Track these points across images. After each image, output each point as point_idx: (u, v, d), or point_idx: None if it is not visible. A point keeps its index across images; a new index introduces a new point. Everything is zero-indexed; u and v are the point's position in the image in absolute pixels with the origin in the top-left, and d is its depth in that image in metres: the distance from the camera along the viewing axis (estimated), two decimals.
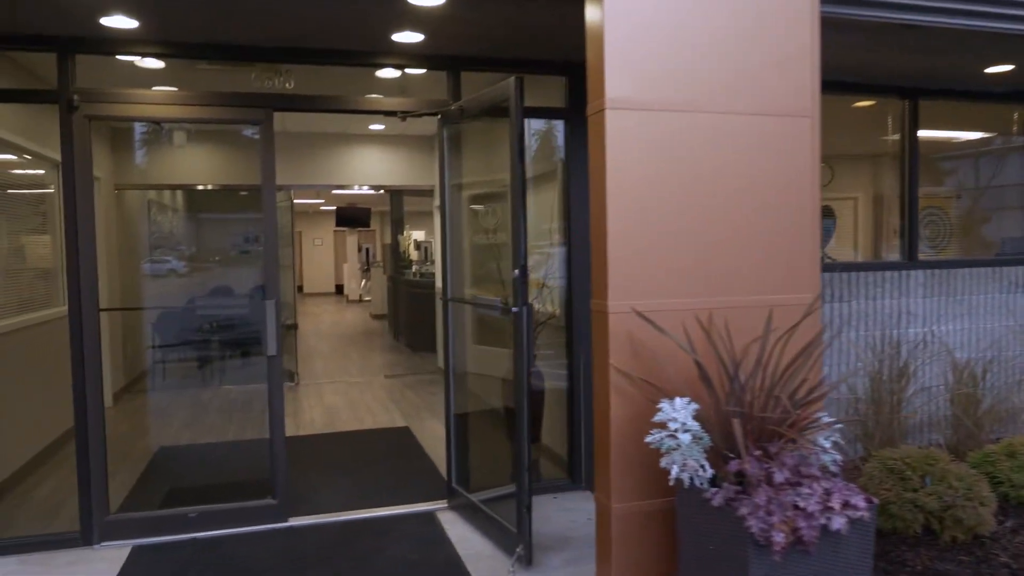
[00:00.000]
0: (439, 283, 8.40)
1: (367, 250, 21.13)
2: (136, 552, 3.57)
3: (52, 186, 5.50)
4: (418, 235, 15.91)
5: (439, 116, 4.07)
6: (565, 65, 4.21)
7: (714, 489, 2.17)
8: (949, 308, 5.02)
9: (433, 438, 5.56)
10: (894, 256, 5.19)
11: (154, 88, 3.88)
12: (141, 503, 4.21)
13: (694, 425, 2.23)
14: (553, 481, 4.41)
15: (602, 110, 2.57)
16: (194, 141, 7.35)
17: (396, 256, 12.29)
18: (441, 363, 8.35)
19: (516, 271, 3.31)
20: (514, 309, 3.34)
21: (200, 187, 7.61)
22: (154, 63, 4.00)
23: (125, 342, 7.07)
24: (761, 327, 2.67)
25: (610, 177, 2.58)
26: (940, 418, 4.84)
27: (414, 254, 14.31)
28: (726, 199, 2.73)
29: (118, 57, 3.79)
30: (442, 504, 4.11)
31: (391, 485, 4.47)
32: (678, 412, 2.23)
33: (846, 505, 2.03)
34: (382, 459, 5.04)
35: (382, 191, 11.70)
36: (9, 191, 5.07)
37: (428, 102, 4.09)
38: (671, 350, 2.62)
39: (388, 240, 14.65)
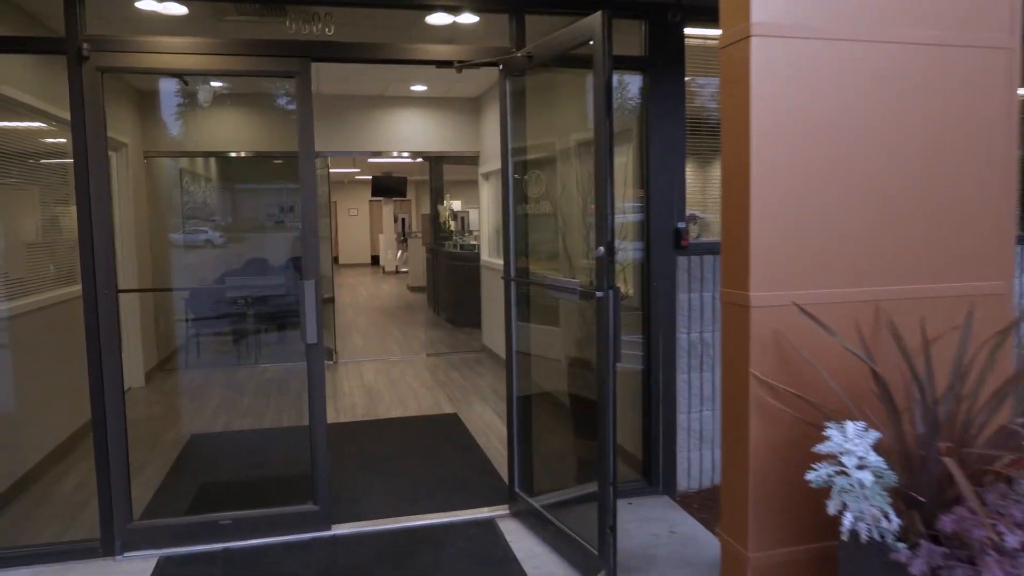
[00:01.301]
0: (485, 256, 7.93)
1: (403, 220, 20.69)
2: (163, 564, 3.16)
3: None
4: (455, 205, 15.37)
5: (500, 66, 3.50)
6: (644, 7, 3.60)
7: (904, 548, 1.62)
8: None
9: (484, 426, 5.09)
10: None
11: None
12: (171, 500, 3.83)
13: (876, 460, 1.68)
14: (626, 484, 3.89)
15: (746, 38, 1.96)
16: (227, 107, 6.89)
17: (436, 227, 11.80)
18: (486, 340, 7.93)
19: (601, 248, 2.76)
20: (598, 293, 2.79)
21: (233, 154, 7.19)
22: (175, 8, 3.50)
23: (157, 317, 6.72)
24: (938, 323, 2.07)
25: (755, 125, 1.98)
26: None
27: (452, 224, 13.82)
28: (901, 153, 2.11)
29: (135, 5, 3.30)
30: (502, 510, 3.63)
31: (443, 485, 4.01)
32: (853, 442, 1.68)
33: None
34: (431, 452, 4.58)
35: (420, 159, 11.17)
36: (42, 161, 4.70)
37: (488, 50, 3.52)
38: (832, 356, 2.02)
39: (424, 210, 14.14)
